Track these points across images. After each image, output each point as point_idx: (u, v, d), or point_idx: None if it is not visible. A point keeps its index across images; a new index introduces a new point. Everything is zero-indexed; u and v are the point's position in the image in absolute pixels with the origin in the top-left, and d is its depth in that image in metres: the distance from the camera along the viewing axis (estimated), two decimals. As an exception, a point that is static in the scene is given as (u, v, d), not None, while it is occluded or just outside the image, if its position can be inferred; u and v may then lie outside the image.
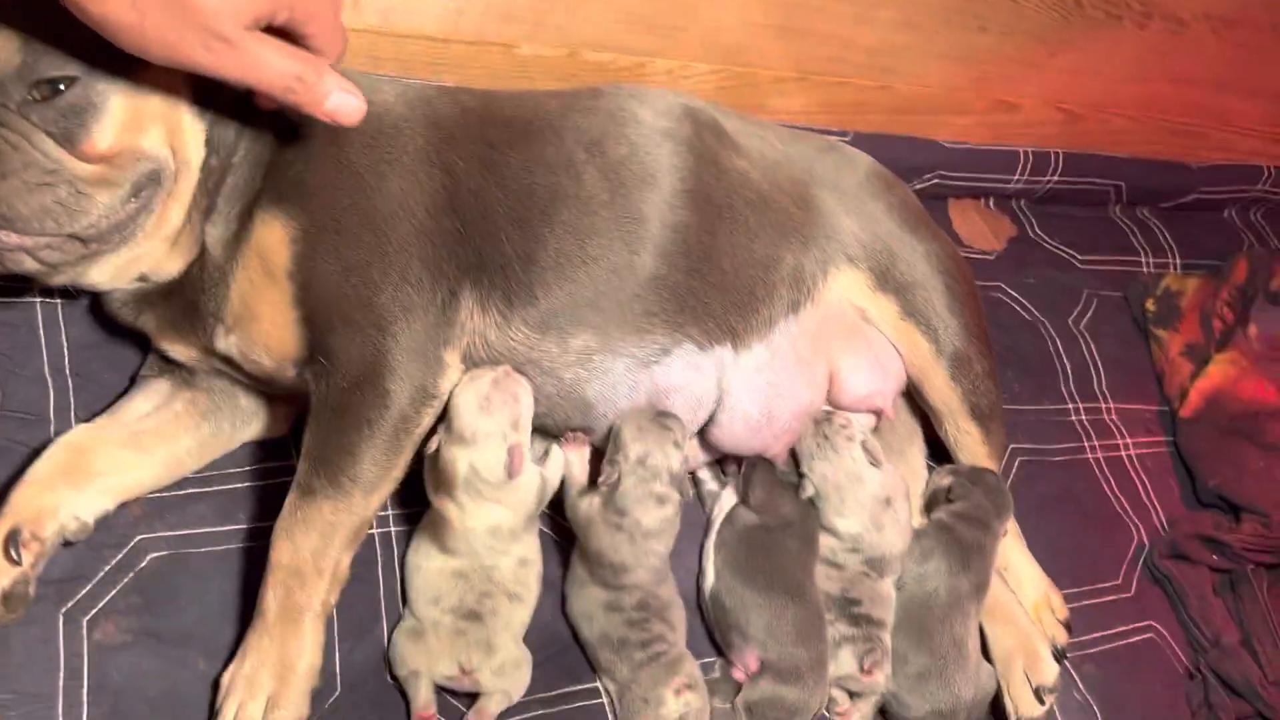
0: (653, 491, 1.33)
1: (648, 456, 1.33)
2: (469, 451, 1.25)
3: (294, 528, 1.17)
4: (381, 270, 1.20)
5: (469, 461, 1.25)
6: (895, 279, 1.52)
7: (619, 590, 1.32)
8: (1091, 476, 1.83)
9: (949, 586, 1.46)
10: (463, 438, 1.24)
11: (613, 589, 1.33)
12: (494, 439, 1.25)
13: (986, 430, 1.57)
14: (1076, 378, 1.93)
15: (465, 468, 1.24)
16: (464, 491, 1.25)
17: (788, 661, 1.35)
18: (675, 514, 1.35)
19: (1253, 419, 1.89)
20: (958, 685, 1.42)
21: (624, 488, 1.32)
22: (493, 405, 1.26)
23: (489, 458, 1.25)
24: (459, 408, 1.25)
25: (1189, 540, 1.76)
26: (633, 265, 1.34)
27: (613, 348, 1.34)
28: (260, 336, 1.22)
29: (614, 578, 1.32)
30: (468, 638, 1.24)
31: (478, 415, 1.25)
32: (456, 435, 1.24)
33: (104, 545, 1.21)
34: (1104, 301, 2.06)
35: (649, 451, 1.33)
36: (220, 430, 1.32)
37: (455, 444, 1.24)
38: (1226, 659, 1.68)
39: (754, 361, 1.44)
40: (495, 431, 1.25)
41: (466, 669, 1.23)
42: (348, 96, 1.06)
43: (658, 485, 1.33)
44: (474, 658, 1.23)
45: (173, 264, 1.21)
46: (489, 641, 1.25)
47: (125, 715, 1.14)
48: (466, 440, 1.24)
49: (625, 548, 1.32)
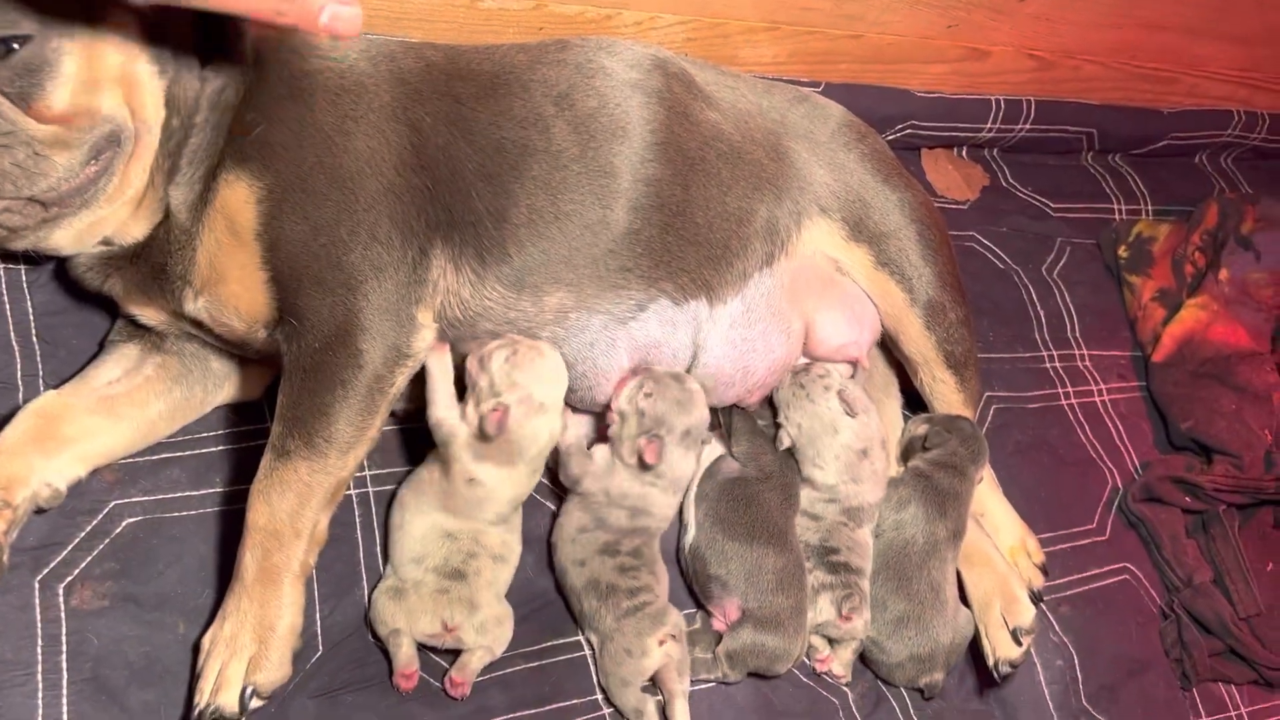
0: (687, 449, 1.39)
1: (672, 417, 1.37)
2: (547, 420, 1.29)
3: (270, 489, 1.16)
4: (350, 229, 1.19)
5: (549, 430, 1.29)
6: (869, 229, 1.52)
7: (620, 534, 1.34)
8: (1066, 422, 1.85)
9: (926, 533, 1.47)
10: (543, 407, 1.28)
11: (613, 531, 1.34)
12: (560, 404, 1.32)
13: (961, 378, 1.58)
14: (1050, 325, 1.94)
15: (546, 437, 1.29)
16: (530, 462, 1.28)
17: (768, 610, 1.37)
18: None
19: (1224, 362, 1.91)
20: (936, 630, 1.44)
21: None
22: (561, 376, 1.31)
23: (558, 423, 1.31)
24: (534, 378, 1.27)
25: (1162, 483, 1.78)
26: (606, 220, 1.33)
27: (588, 305, 1.34)
28: (229, 299, 1.20)
29: (629, 520, 1.35)
30: (450, 595, 1.24)
31: (556, 385, 1.30)
32: (537, 405, 1.27)
33: (78, 512, 1.21)
34: (1077, 249, 2.07)
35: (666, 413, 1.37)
36: (192, 394, 1.31)
37: (535, 414, 1.27)
38: (1199, 598, 1.71)
39: (729, 316, 1.44)
40: (561, 397, 1.31)
41: (449, 626, 1.23)
42: (341, 6, 1.02)
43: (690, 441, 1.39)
44: (456, 615, 1.24)
45: (137, 227, 1.19)
46: (471, 599, 1.25)
47: (105, 680, 1.14)
48: (547, 409, 1.28)
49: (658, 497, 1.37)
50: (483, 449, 1.27)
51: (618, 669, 1.30)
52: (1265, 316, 1.99)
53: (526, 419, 1.26)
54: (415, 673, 1.24)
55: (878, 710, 1.46)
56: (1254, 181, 2.34)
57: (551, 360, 1.30)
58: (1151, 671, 1.65)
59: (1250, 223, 2.05)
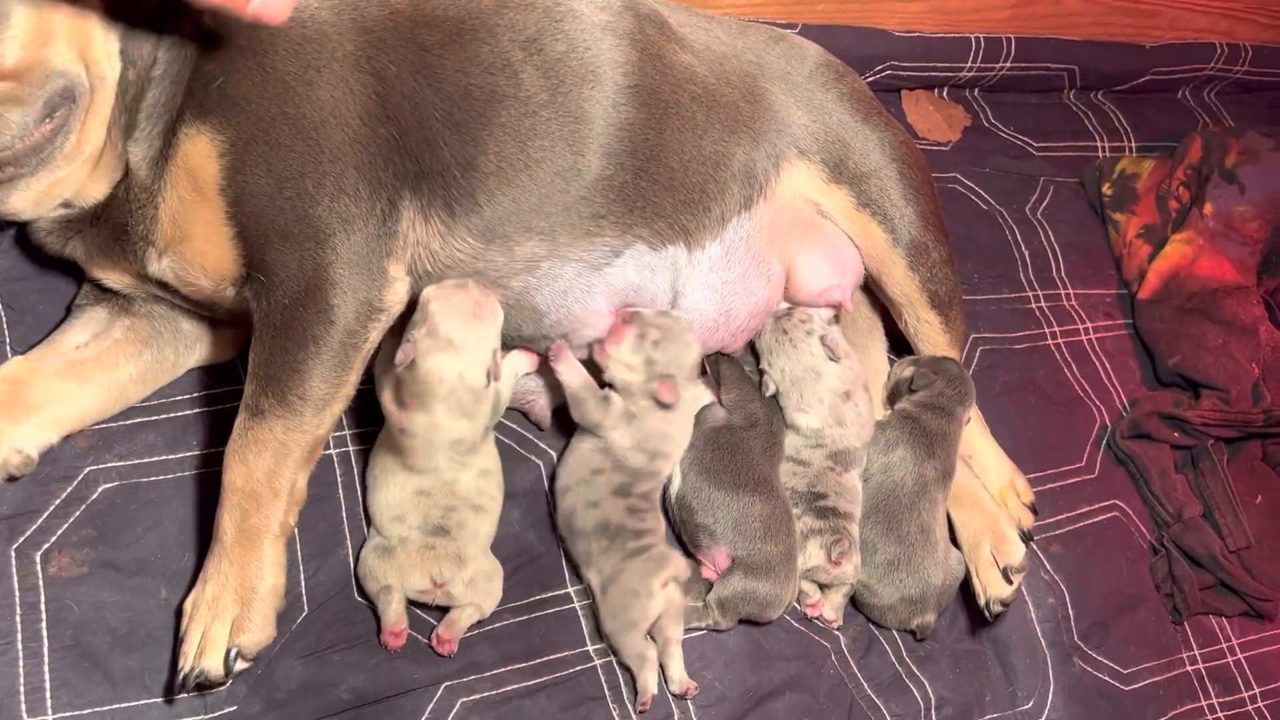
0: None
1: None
2: (458, 359, 1.23)
3: (246, 450, 1.15)
4: (316, 181, 1.16)
5: (458, 369, 1.23)
6: (849, 170, 1.50)
7: (637, 476, 1.33)
8: (1053, 362, 1.84)
9: (915, 475, 1.47)
10: (451, 345, 1.22)
11: (629, 473, 1.33)
12: (481, 347, 1.25)
13: (946, 318, 1.56)
14: (1035, 266, 1.93)
15: (453, 375, 1.22)
16: (442, 402, 1.23)
17: (757, 557, 1.36)
18: None
19: (1210, 296, 1.89)
20: (926, 571, 1.43)
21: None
22: (484, 313, 1.25)
23: (475, 366, 1.24)
24: (447, 315, 1.23)
25: (1150, 419, 1.78)
26: (577, 167, 1.30)
27: (560, 253, 1.32)
28: (195, 257, 1.18)
29: (649, 463, 1.34)
30: (437, 551, 1.23)
31: (470, 323, 1.24)
32: (444, 343, 1.22)
33: (52, 479, 1.19)
34: (1060, 188, 2.04)
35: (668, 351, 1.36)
36: (163, 357, 1.29)
37: (441, 352, 1.22)
38: (1189, 532, 1.71)
39: (708, 260, 1.42)
40: (484, 339, 1.25)
41: (438, 582, 1.22)
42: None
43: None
44: (445, 570, 1.22)
45: (96, 187, 1.17)
46: (459, 554, 1.24)
47: (88, 647, 1.13)
48: (456, 347, 1.23)
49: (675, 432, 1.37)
50: (402, 396, 1.24)
51: (625, 611, 1.28)
52: (1251, 250, 1.97)
53: (429, 354, 1.22)
54: (404, 631, 1.23)
55: (870, 653, 1.45)
56: (1238, 115, 2.31)
57: (470, 298, 1.25)
58: (1143, 607, 1.65)
59: (1234, 156, 2.03)
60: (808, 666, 1.40)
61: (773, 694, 1.36)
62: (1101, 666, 1.57)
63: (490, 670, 1.26)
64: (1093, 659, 1.57)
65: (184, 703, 1.15)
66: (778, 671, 1.38)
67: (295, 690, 1.18)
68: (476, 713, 1.23)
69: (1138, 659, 1.61)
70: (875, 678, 1.44)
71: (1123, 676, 1.58)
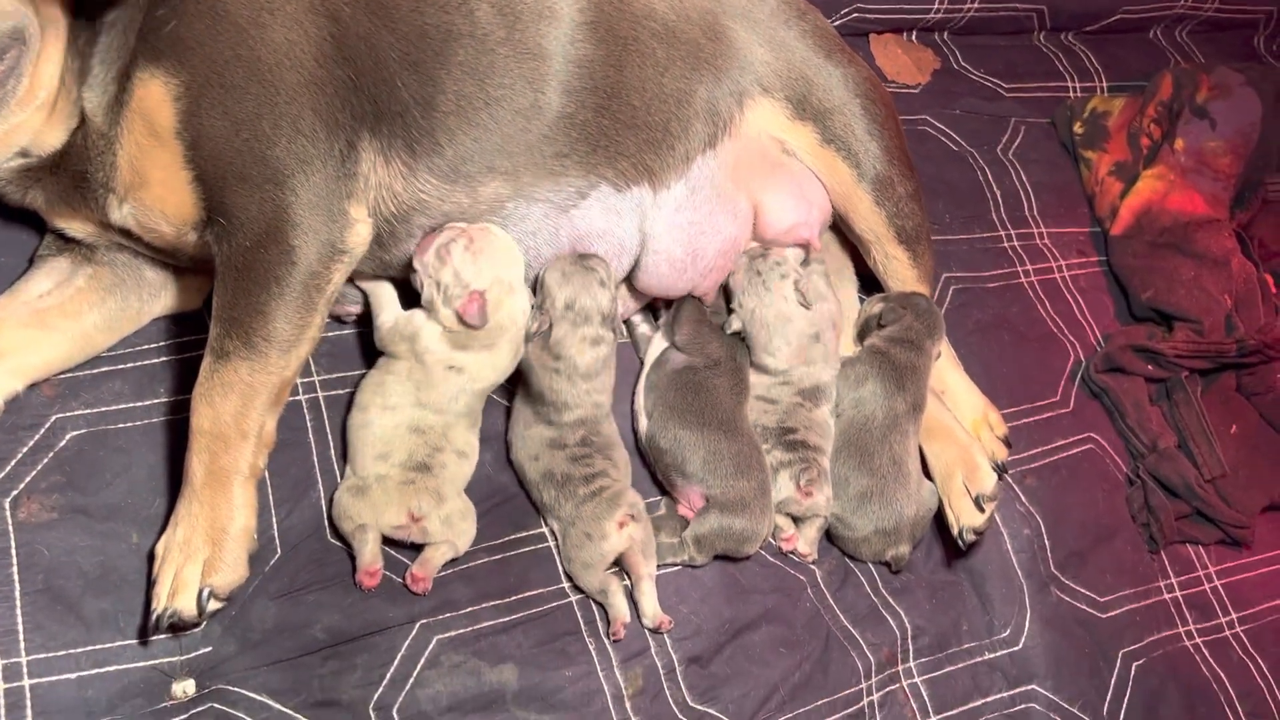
0: (585, 335, 1.33)
1: (575, 301, 1.33)
2: (519, 297, 1.30)
3: (212, 392, 1.15)
4: (273, 123, 1.16)
5: (523, 306, 1.31)
6: (813, 106, 1.50)
7: (562, 428, 1.33)
8: (1026, 299, 1.84)
9: (885, 408, 1.47)
10: (512, 287, 1.28)
11: (556, 426, 1.33)
12: (524, 284, 1.32)
13: (914, 253, 1.56)
14: (1007, 205, 1.93)
15: (521, 312, 1.30)
16: (511, 340, 1.29)
17: (731, 494, 1.36)
18: (610, 353, 1.36)
19: (1182, 230, 1.90)
20: (899, 503, 1.44)
21: (556, 334, 1.32)
22: (517, 251, 1.32)
23: (527, 298, 1.32)
24: (498, 261, 1.28)
25: (1124, 352, 1.78)
26: (538, 104, 1.30)
27: (526, 194, 1.32)
28: (155, 202, 1.18)
29: (557, 415, 1.33)
30: (416, 486, 1.24)
31: (518, 262, 1.31)
32: (508, 287, 1.28)
33: (19, 427, 1.19)
34: (1031, 128, 2.04)
35: (576, 296, 1.33)
36: (128, 305, 1.29)
37: (508, 295, 1.28)
38: (1164, 462, 1.72)
39: (673, 200, 1.42)
40: (523, 272, 1.32)
41: (416, 516, 1.23)
42: None
43: (589, 328, 1.33)
44: (424, 504, 1.23)
45: (53, 135, 1.16)
46: (438, 490, 1.25)
47: (60, 590, 1.14)
48: (515, 288, 1.29)
49: (565, 387, 1.32)
50: (463, 339, 1.27)
51: (579, 553, 1.30)
52: (1223, 185, 1.97)
53: (501, 301, 1.27)
54: (379, 570, 1.24)
55: (846, 585, 1.46)
56: (1209, 54, 2.31)
57: (505, 239, 1.30)
58: (1119, 537, 1.66)
59: (1205, 91, 2.03)
60: (784, 599, 1.41)
61: (749, 626, 1.37)
62: (1078, 595, 1.59)
63: (466, 608, 1.27)
64: (1069, 588, 1.58)
65: (159, 644, 1.15)
66: (754, 605, 1.39)
67: (270, 631, 1.19)
68: (452, 649, 1.24)
69: (1115, 587, 1.62)
70: (851, 609, 1.45)
71: (1099, 605, 1.60)
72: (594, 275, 1.35)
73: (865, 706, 1.39)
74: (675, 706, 1.29)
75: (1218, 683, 1.62)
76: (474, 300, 1.25)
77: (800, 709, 1.35)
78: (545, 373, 1.33)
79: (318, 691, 1.17)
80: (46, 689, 1.10)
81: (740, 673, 1.34)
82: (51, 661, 1.11)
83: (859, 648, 1.42)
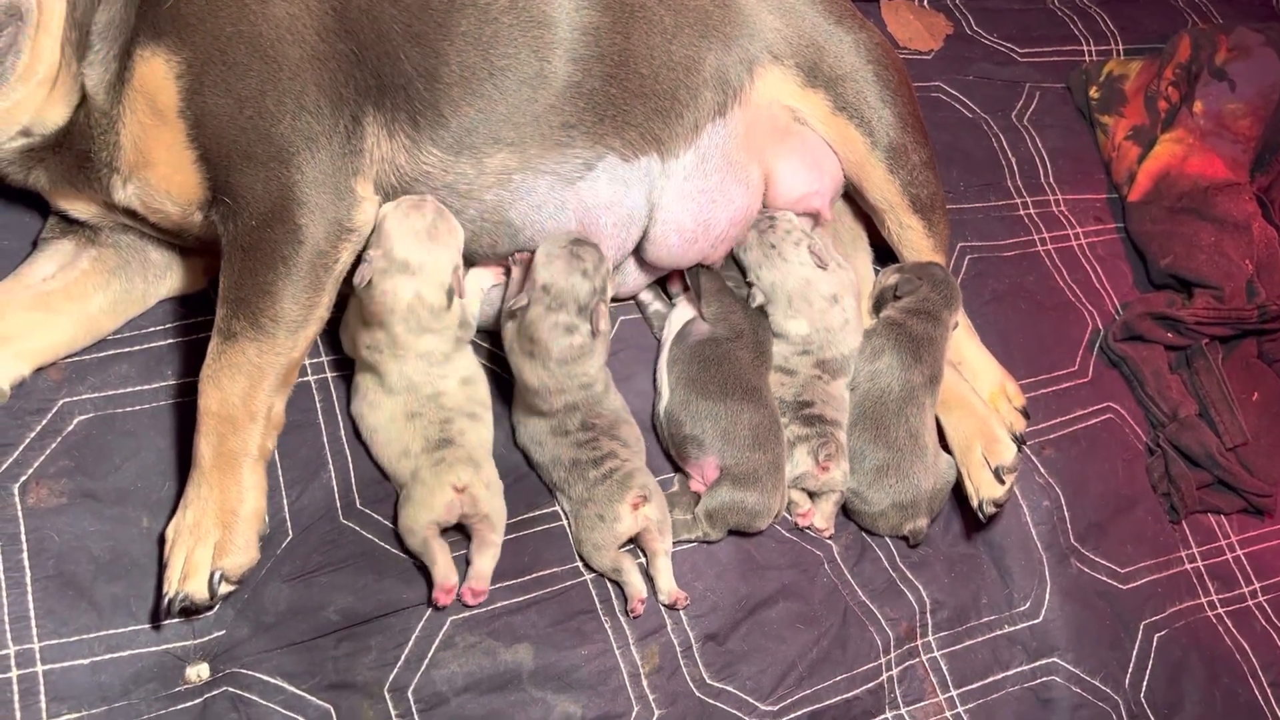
0: (559, 321, 1.26)
1: (553, 284, 1.27)
2: (413, 281, 1.22)
3: (220, 374, 1.14)
4: (276, 100, 1.14)
5: (414, 291, 1.22)
6: (824, 73, 1.47)
7: (556, 415, 1.30)
8: (1043, 268, 1.81)
9: (902, 381, 1.45)
10: (407, 267, 1.22)
11: (549, 415, 1.30)
12: (439, 267, 1.24)
13: (929, 222, 1.54)
14: (1023, 172, 1.90)
15: (410, 296, 1.22)
16: (401, 321, 1.22)
17: (745, 466, 1.35)
18: (585, 343, 1.28)
19: (1202, 195, 1.86)
20: (916, 476, 1.42)
21: (530, 315, 1.27)
22: (439, 233, 1.24)
23: (433, 286, 1.23)
24: (400, 236, 1.22)
25: (1143, 320, 1.75)
26: (544, 74, 1.28)
27: (532, 165, 1.29)
28: (159, 182, 1.16)
29: (544, 403, 1.29)
30: (447, 461, 1.22)
31: (425, 244, 1.23)
32: (400, 265, 1.21)
33: (26, 411, 1.18)
34: (1046, 93, 2.01)
35: (554, 279, 1.27)
36: (133, 287, 1.27)
37: (399, 273, 1.22)
38: (1185, 431, 1.69)
39: (683, 170, 1.40)
40: (442, 259, 1.24)
41: (459, 487, 1.20)
42: None
43: (563, 315, 1.26)
44: (463, 474, 1.21)
45: (55, 112, 1.15)
46: (470, 457, 1.23)
47: (71, 576, 1.13)
48: (411, 269, 1.22)
49: (541, 373, 1.28)
50: (363, 312, 1.24)
51: (590, 534, 1.28)
52: (1243, 147, 1.93)
53: (386, 276, 1.21)
54: (454, 587, 1.22)
55: (863, 560, 1.45)
56: (1227, 14, 2.26)
57: (426, 219, 1.23)
58: (1139, 507, 1.64)
59: (1224, 53, 1.99)
60: (800, 575, 1.39)
61: (766, 602, 1.36)
62: (1099, 567, 1.57)
63: (481, 588, 1.26)
64: (1089, 560, 1.56)
65: (172, 628, 1.14)
66: (770, 581, 1.37)
67: (283, 613, 1.18)
68: (467, 629, 1.23)
69: (1135, 558, 1.60)
70: (869, 584, 1.43)
71: (1120, 576, 1.58)
72: (579, 263, 1.28)
73: (884, 681, 1.38)
74: (692, 683, 1.28)
75: (1240, 653, 1.60)
76: (365, 262, 1.21)
77: (818, 685, 1.34)
78: (522, 358, 1.29)
79: (332, 674, 1.16)
80: (60, 674, 1.09)
81: (757, 649, 1.33)
82: (65, 647, 1.10)
83: (877, 623, 1.40)
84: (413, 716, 1.17)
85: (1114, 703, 1.48)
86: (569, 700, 1.22)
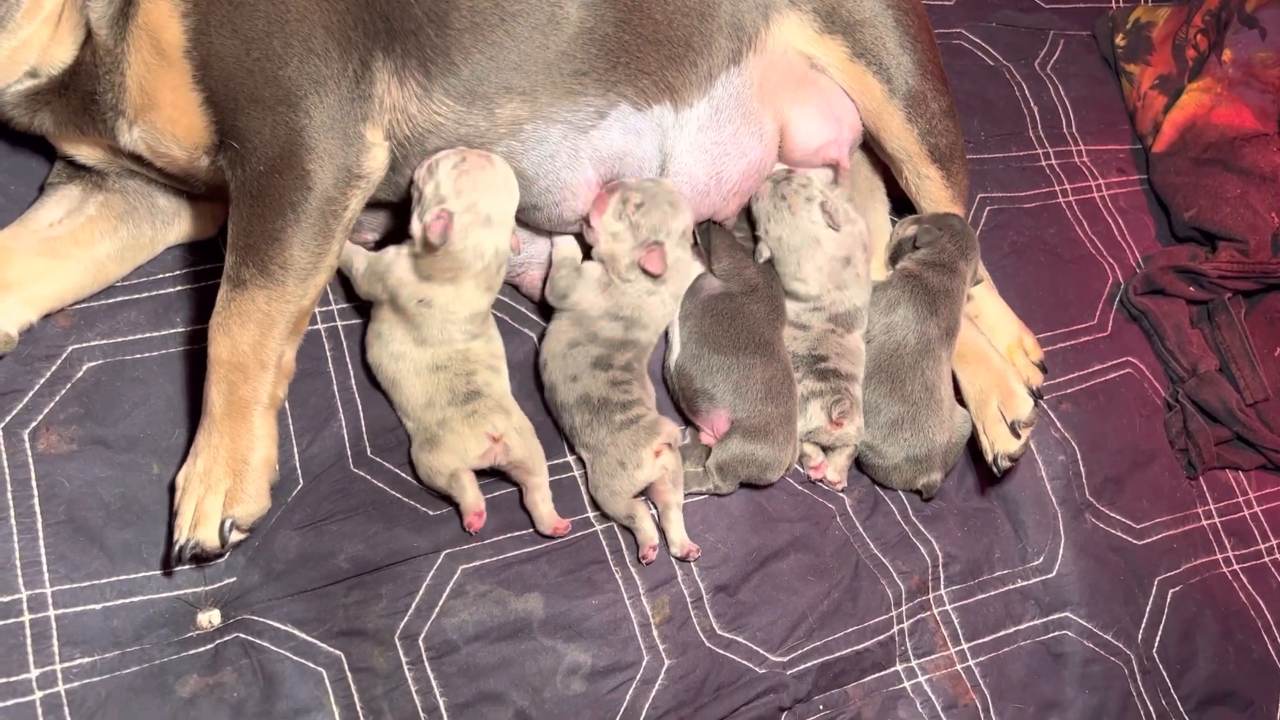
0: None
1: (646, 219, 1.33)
2: (494, 234, 1.24)
3: (229, 322, 1.13)
4: (284, 41, 1.12)
5: (494, 244, 1.24)
6: (842, 19, 1.43)
7: (614, 348, 1.31)
8: (1064, 220, 1.78)
9: (918, 333, 1.43)
10: (489, 221, 1.23)
11: (607, 345, 1.31)
12: (510, 220, 1.26)
13: (948, 172, 1.51)
14: (1045, 122, 1.86)
15: (491, 251, 1.24)
16: (475, 277, 1.24)
17: (756, 419, 1.34)
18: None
19: (1229, 146, 1.82)
20: (931, 430, 1.41)
21: None
22: (513, 185, 1.26)
23: (506, 239, 1.26)
24: (485, 191, 1.23)
25: (1164, 273, 1.73)
26: (555, 18, 1.25)
27: (544, 114, 1.27)
28: (165, 125, 1.14)
29: (624, 332, 1.32)
30: (479, 413, 1.22)
31: (505, 198, 1.25)
32: (482, 217, 1.23)
33: (35, 358, 1.18)
34: (1070, 41, 1.96)
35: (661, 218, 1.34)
36: (140, 233, 1.26)
37: (479, 226, 1.23)
38: (1205, 386, 1.67)
39: (696, 120, 1.37)
40: (511, 212, 1.26)
41: (495, 436, 1.21)
42: None
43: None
44: (498, 422, 1.22)
45: (61, 50, 1.13)
46: (500, 405, 1.24)
47: (82, 522, 1.13)
48: (494, 223, 1.24)
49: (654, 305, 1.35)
50: (427, 267, 1.23)
51: (610, 481, 1.27)
52: (1273, 98, 1.89)
53: (470, 230, 1.22)
54: (484, 512, 1.23)
55: (875, 513, 1.44)
56: (1260, -40, 2.20)
57: (501, 171, 1.25)
58: (1157, 462, 1.63)
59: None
60: (812, 528, 1.39)
61: (777, 554, 1.36)
62: (1114, 522, 1.56)
63: (491, 538, 1.25)
64: (1105, 515, 1.55)
65: (183, 575, 1.15)
66: (781, 533, 1.37)
67: (294, 560, 1.18)
68: (478, 578, 1.23)
69: (1151, 514, 1.59)
70: (881, 537, 1.43)
71: (1135, 531, 1.57)
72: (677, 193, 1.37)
73: (895, 634, 1.38)
74: (703, 634, 1.28)
75: (1255, 609, 1.59)
76: (440, 218, 1.20)
77: (829, 637, 1.34)
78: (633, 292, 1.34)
79: (343, 621, 1.17)
80: (72, 619, 1.10)
81: (768, 601, 1.32)
82: (76, 592, 1.11)
83: (889, 576, 1.40)
84: (423, 664, 1.17)
85: (1126, 657, 1.47)
86: (579, 649, 1.22)
